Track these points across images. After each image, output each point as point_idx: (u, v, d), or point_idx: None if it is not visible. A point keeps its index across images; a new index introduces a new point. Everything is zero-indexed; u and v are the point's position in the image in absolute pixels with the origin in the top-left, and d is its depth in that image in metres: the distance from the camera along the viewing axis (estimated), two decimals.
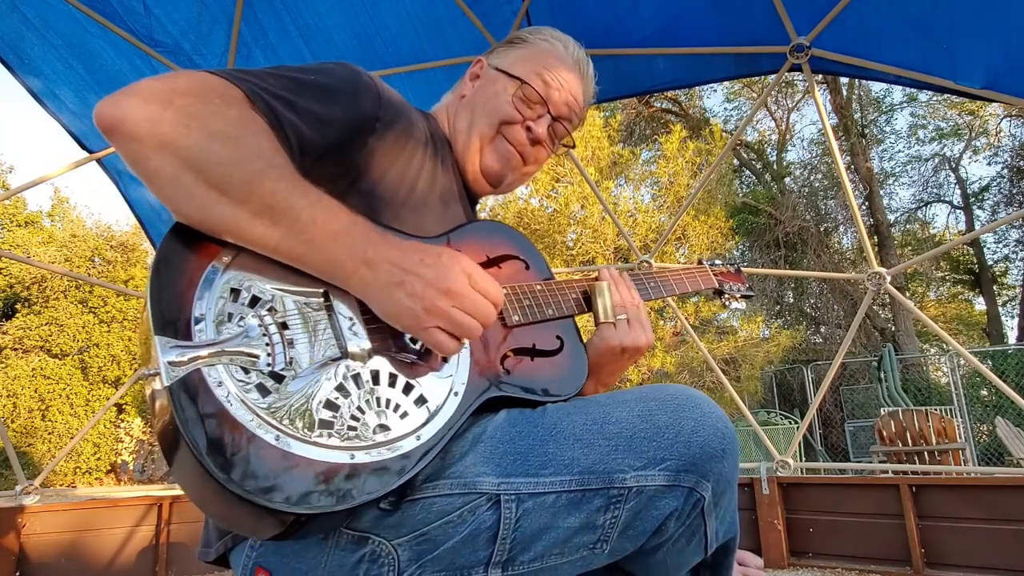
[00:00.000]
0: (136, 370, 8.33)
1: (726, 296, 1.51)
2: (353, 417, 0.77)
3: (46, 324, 15.23)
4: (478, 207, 1.30)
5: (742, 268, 1.60)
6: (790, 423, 10.93)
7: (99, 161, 3.80)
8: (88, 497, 7.02)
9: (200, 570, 3.51)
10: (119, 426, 15.97)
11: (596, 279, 1.18)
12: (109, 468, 15.64)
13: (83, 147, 3.75)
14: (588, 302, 1.15)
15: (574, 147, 1.36)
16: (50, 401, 14.61)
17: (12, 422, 14.04)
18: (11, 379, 14.47)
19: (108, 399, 8.47)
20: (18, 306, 15.66)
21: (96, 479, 15.24)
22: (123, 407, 16.11)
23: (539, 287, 1.08)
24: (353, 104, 0.94)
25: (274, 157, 0.79)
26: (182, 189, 0.75)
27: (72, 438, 14.01)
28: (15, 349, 15.06)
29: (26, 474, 3.69)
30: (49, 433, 14.38)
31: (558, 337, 1.07)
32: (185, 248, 0.77)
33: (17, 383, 14.45)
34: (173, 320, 0.71)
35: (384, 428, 0.79)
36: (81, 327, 15.50)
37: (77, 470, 14.81)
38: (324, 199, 0.80)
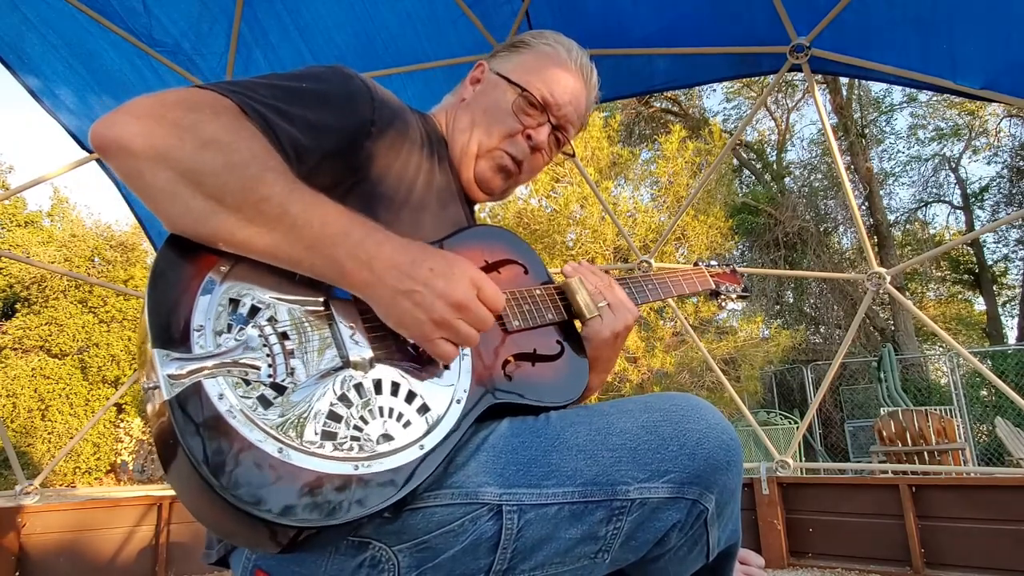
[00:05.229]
0: (136, 370, 8.32)
1: (722, 297, 1.51)
2: (356, 427, 0.76)
3: (46, 324, 15.23)
4: (477, 207, 1.30)
5: (737, 268, 1.60)
6: (790, 423, 10.93)
7: (99, 161, 3.79)
8: (88, 497, 7.01)
9: (200, 570, 3.51)
10: (119, 426, 15.97)
11: (564, 280, 1.14)
12: (109, 468, 15.64)
13: (83, 147, 3.75)
14: (567, 306, 1.10)
15: (574, 155, 1.35)
16: (50, 401, 14.61)
17: (12, 422, 14.04)
18: (11, 379, 14.47)
19: (108, 399, 8.46)
20: (18, 306, 15.66)
21: (96, 479, 15.23)
22: (123, 407, 16.10)
23: (538, 292, 1.07)
24: (346, 108, 0.93)
25: (268, 160, 0.78)
26: (179, 201, 0.74)
27: (72, 438, 14.02)
28: (15, 349, 15.06)
29: (26, 474, 3.68)
30: (49, 433, 14.38)
31: (558, 341, 1.06)
32: (182, 259, 0.76)
33: (17, 383, 14.45)
34: (172, 332, 0.70)
35: (388, 438, 0.78)
36: (81, 327, 15.50)
37: (77, 470, 14.81)
38: (321, 201, 0.78)
